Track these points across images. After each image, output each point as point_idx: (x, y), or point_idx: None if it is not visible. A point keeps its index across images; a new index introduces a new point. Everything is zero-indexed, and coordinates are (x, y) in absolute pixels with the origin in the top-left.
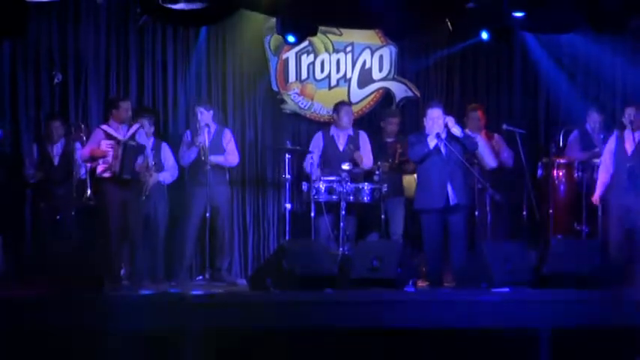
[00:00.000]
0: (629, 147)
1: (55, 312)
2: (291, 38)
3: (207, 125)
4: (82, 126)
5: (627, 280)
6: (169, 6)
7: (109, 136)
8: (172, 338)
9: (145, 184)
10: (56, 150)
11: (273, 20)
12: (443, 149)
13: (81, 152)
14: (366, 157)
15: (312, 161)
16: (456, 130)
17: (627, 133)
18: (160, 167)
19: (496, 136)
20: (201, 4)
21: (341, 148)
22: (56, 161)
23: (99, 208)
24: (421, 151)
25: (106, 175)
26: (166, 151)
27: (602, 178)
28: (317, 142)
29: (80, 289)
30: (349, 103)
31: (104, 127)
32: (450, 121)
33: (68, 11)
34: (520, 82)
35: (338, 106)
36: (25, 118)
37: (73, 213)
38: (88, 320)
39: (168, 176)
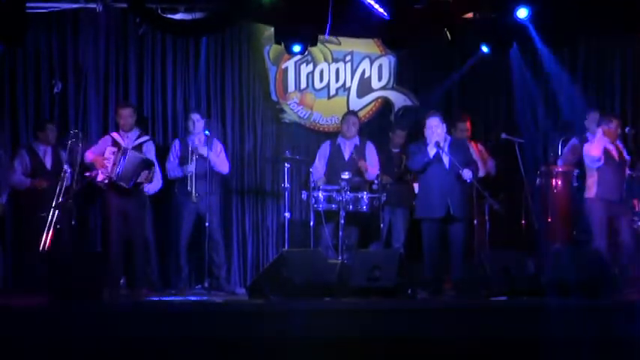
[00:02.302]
0: (615, 156)
1: (54, 322)
2: (297, 48)
3: (207, 134)
4: (80, 134)
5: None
6: (169, 16)
7: (115, 143)
8: (171, 347)
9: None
10: (48, 154)
11: (272, 30)
12: (446, 159)
13: (85, 154)
14: (372, 167)
15: (312, 170)
16: (467, 175)
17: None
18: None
19: (480, 145)
20: (201, 15)
21: (346, 157)
22: (49, 166)
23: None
24: (421, 161)
25: (100, 178)
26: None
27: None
28: (324, 151)
29: (79, 299)
30: (354, 113)
31: (114, 134)
32: (467, 174)
33: (68, 21)
34: (518, 91)
35: (343, 117)
36: (24, 126)
37: (73, 222)
38: (87, 329)
39: (152, 186)
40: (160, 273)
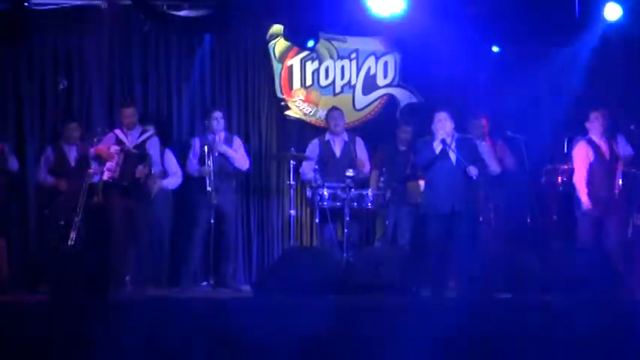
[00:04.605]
0: (605, 152)
1: (59, 318)
2: (310, 43)
3: (224, 132)
4: (99, 129)
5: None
6: (173, 13)
7: (119, 141)
8: (176, 344)
9: (149, 190)
10: (72, 152)
11: (278, 26)
12: (452, 156)
13: (91, 151)
14: (364, 162)
15: (315, 167)
16: (473, 172)
17: (601, 140)
18: (164, 174)
19: (499, 142)
20: (206, 11)
21: (338, 154)
22: (73, 163)
23: (105, 214)
24: (427, 157)
25: (106, 177)
26: (170, 158)
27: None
28: (313, 149)
29: (84, 295)
30: (338, 108)
31: (117, 131)
32: (474, 171)
33: (72, 18)
34: (523, 89)
35: (329, 113)
36: (29, 124)
37: (78, 219)
38: (92, 326)
39: (172, 182)
40: (169, 269)
